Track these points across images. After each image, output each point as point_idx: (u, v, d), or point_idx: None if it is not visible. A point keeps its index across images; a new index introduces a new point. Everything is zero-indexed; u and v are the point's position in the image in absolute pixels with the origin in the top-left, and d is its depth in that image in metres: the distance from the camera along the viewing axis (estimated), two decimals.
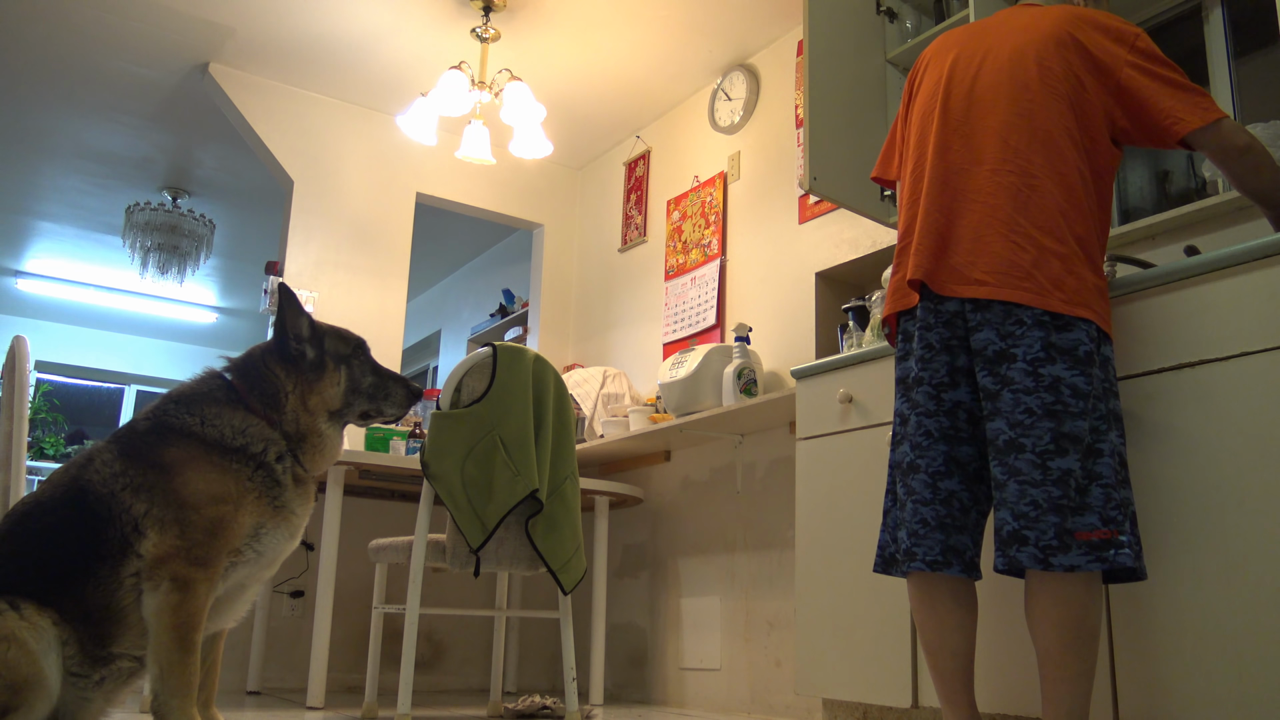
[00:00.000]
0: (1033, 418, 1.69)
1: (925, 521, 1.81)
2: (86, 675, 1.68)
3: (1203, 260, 1.83)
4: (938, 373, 1.84)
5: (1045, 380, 1.70)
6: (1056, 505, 1.66)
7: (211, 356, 2.04)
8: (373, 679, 3.04)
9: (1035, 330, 1.72)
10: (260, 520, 1.80)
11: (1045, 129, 1.83)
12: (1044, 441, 1.68)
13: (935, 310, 1.84)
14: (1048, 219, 1.77)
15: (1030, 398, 1.70)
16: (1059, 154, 1.82)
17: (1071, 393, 1.69)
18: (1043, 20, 1.94)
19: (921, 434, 1.84)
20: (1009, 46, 1.93)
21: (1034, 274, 1.74)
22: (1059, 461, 1.67)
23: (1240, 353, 1.75)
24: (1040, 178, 1.80)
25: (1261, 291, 1.73)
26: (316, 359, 1.94)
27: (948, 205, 1.87)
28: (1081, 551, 1.64)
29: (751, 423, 3.52)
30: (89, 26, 4.02)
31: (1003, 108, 1.87)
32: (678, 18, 3.88)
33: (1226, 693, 1.68)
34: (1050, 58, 1.87)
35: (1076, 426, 1.68)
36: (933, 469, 1.82)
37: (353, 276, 4.48)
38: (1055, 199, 1.79)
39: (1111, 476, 1.68)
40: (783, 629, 3.38)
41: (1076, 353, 1.71)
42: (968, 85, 1.94)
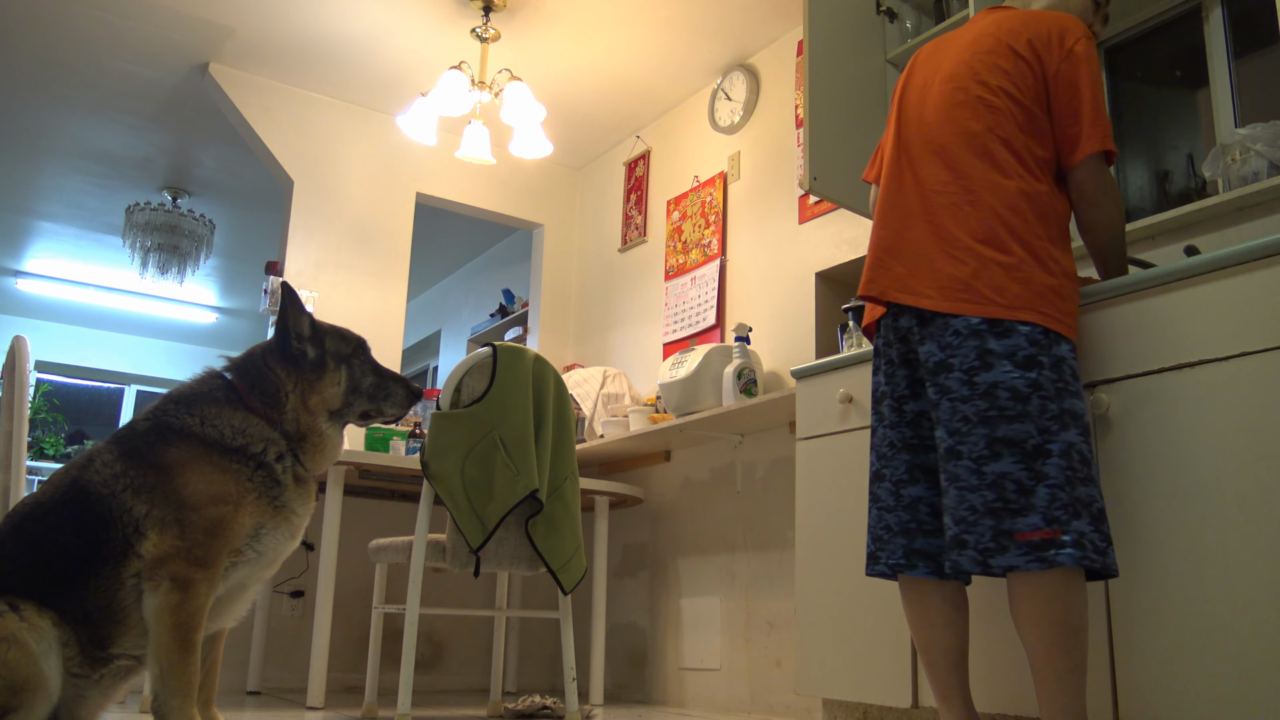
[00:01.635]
0: (969, 425, 1.75)
1: (889, 527, 1.91)
2: (86, 675, 1.68)
3: (1203, 260, 1.83)
4: (899, 386, 1.93)
5: (980, 388, 1.75)
6: (991, 509, 1.71)
7: (211, 356, 2.04)
8: (373, 679, 3.04)
9: (971, 340, 1.78)
10: (260, 520, 1.80)
11: (982, 143, 1.88)
12: (979, 448, 1.74)
13: (893, 327, 1.94)
14: (987, 230, 1.82)
15: (966, 406, 1.76)
16: (998, 166, 1.86)
17: (1009, 396, 1.73)
18: (987, 30, 1.99)
19: (886, 445, 1.94)
20: (952, 63, 1.99)
21: (973, 284, 1.80)
22: (993, 466, 1.72)
23: (1240, 353, 1.75)
24: (979, 191, 1.85)
25: (1261, 291, 1.73)
26: (317, 358, 1.94)
27: (895, 224, 1.95)
28: (1020, 552, 1.67)
29: (751, 423, 3.52)
30: (89, 26, 4.02)
31: (943, 125, 1.94)
32: (678, 18, 3.88)
33: (1226, 693, 1.68)
34: (986, 71, 1.93)
35: (1014, 430, 1.72)
36: (896, 477, 1.92)
37: (353, 276, 4.48)
38: (995, 210, 1.83)
39: (1060, 476, 1.69)
40: (783, 629, 3.38)
41: (1015, 356, 1.75)
42: (918, 104, 2.02)
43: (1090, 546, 1.67)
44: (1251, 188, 2.28)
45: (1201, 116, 2.71)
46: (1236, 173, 2.34)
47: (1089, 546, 1.67)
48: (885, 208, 1.99)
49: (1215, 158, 2.40)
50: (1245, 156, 2.33)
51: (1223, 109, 2.60)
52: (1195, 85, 2.74)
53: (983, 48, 1.95)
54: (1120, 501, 1.86)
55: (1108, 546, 1.71)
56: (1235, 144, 2.36)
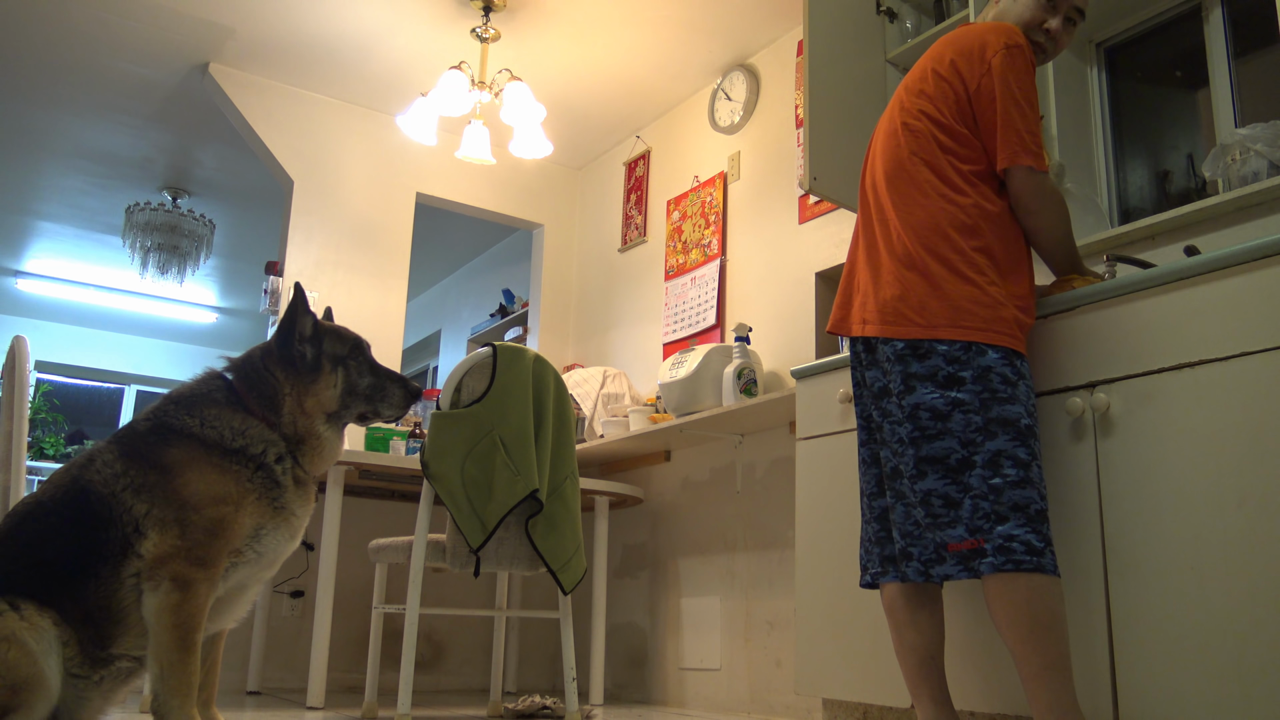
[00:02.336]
0: (902, 445, 1.86)
1: (869, 538, 2.02)
2: (86, 676, 1.68)
3: (1203, 260, 1.83)
4: (866, 405, 2.03)
5: (906, 410, 1.85)
6: (926, 524, 1.82)
7: (211, 356, 2.04)
8: (373, 679, 3.04)
9: (897, 365, 1.87)
10: (260, 521, 1.80)
11: (905, 168, 1.96)
12: (909, 467, 1.84)
13: (855, 352, 2.04)
14: (907, 253, 1.90)
15: (900, 428, 1.86)
16: (918, 187, 1.93)
17: (930, 416, 1.81)
18: (922, 60, 2.08)
19: (859, 460, 2.05)
20: (896, 94, 2.08)
21: (899, 308, 1.88)
22: (921, 484, 1.82)
23: (1240, 353, 1.75)
24: (898, 218, 1.94)
25: (1261, 291, 1.73)
26: (314, 360, 1.93)
27: (850, 258, 2.11)
28: (954, 562, 1.78)
29: (751, 423, 3.52)
30: (89, 26, 4.02)
31: (882, 158, 2.03)
32: (678, 18, 3.88)
33: (1227, 693, 1.68)
34: (910, 99, 2.02)
35: (934, 449, 1.80)
36: (868, 490, 2.02)
37: (353, 276, 4.48)
38: (916, 230, 1.90)
39: (981, 486, 1.75)
40: (783, 629, 3.38)
41: (936, 377, 1.82)
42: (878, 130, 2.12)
43: (1020, 549, 1.72)
44: (1251, 188, 2.28)
45: (1201, 116, 2.71)
46: (1236, 173, 2.34)
47: (1017, 550, 1.72)
48: (853, 241, 2.13)
49: (1215, 158, 2.40)
50: (1245, 156, 2.32)
51: (1223, 109, 2.60)
52: (1195, 85, 2.74)
53: (913, 78, 2.05)
54: (1120, 501, 1.86)
55: (1045, 547, 1.74)
56: (1235, 144, 2.36)
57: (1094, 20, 2.82)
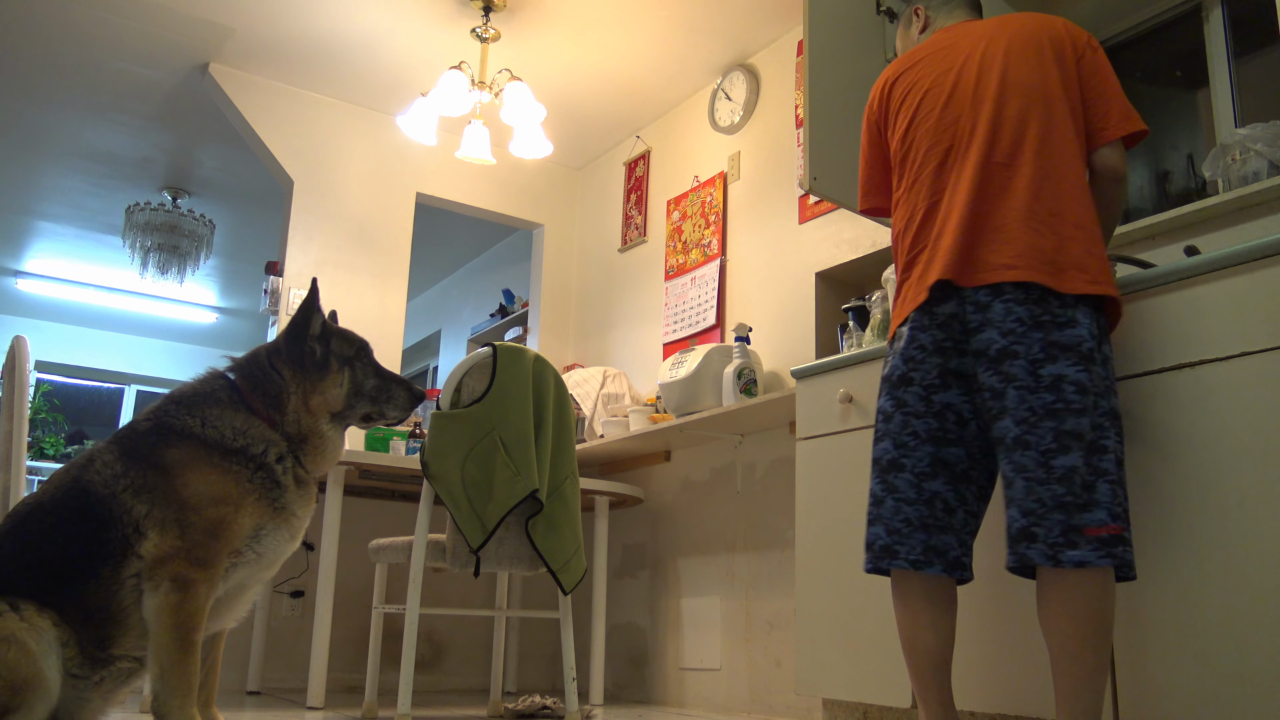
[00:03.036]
0: (1035, 416, 1.72)
1: (908, 520, 1.85)
2: (86, 676, 1.68)
3: (1203, 260, 1.83)
4: (928, 374, 1.86)
5: (1045, 381, 1.72)
6: (1061, 503, 1.68)
7: (211, 356, 2.04)
8: (373, 679, 3.04)
9: (1035, 331, 1.75)
10: (261, 522, 1.80)
11: (1053, 123, 1.88)
12: (1047, 440, 1.70)
13: (930, 312, 1.87)
14: (1065, 205, 1.82)
15: (1033, 397, 1.73)
16: (1066, 146, 1.87)
17: (1074, 389, 1.71)
18: (1014, 25, 2.01)
19: (908, 433, 1.87)
20: (996, 49, 1.98)
21: (1057, 259, 1.77)
22: (1062, 460, 1.69)
23: (1240, 353, 1.75)
24: (1056, 167, 1.85)
25: (1261, 291, 1.74)
26: (322, 358, 1.95)
27: (970, 203, 1.87)
28: (1092, 547, 1.66)
29: (751, 423, 3.52)
30: (89, 26, 4.02)
31: (1011, 104, 1.91)
32: (678, 18, 3.88)
33: (1227, 693, 1.68)
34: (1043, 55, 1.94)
35: (1079, 424, 1.70)
36: (919, 469, 1.86)
37: (353, 276, 4.48)
38: (1070, 186, 1.83)
39: (1116, 473, 1.71)
40: (783, 629, 3.38)
41: (1080, 349, 1.73)
42: (962, 90, 1.98)
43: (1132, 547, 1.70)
44: (1251, 188, 2.28)
45: (1201, 116, 2.71)
46: (1236, 173, 2.34)
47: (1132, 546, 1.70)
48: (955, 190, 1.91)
49: (1215, 158, 2.40)
50: (1245, 156, 2.33)
51: (1223, 109, 2.60)
52: (1195, 85, 2.74)
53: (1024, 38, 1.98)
54: None
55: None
56: (1235, 144, 2.36)
57: (1094, 20, 2.82)
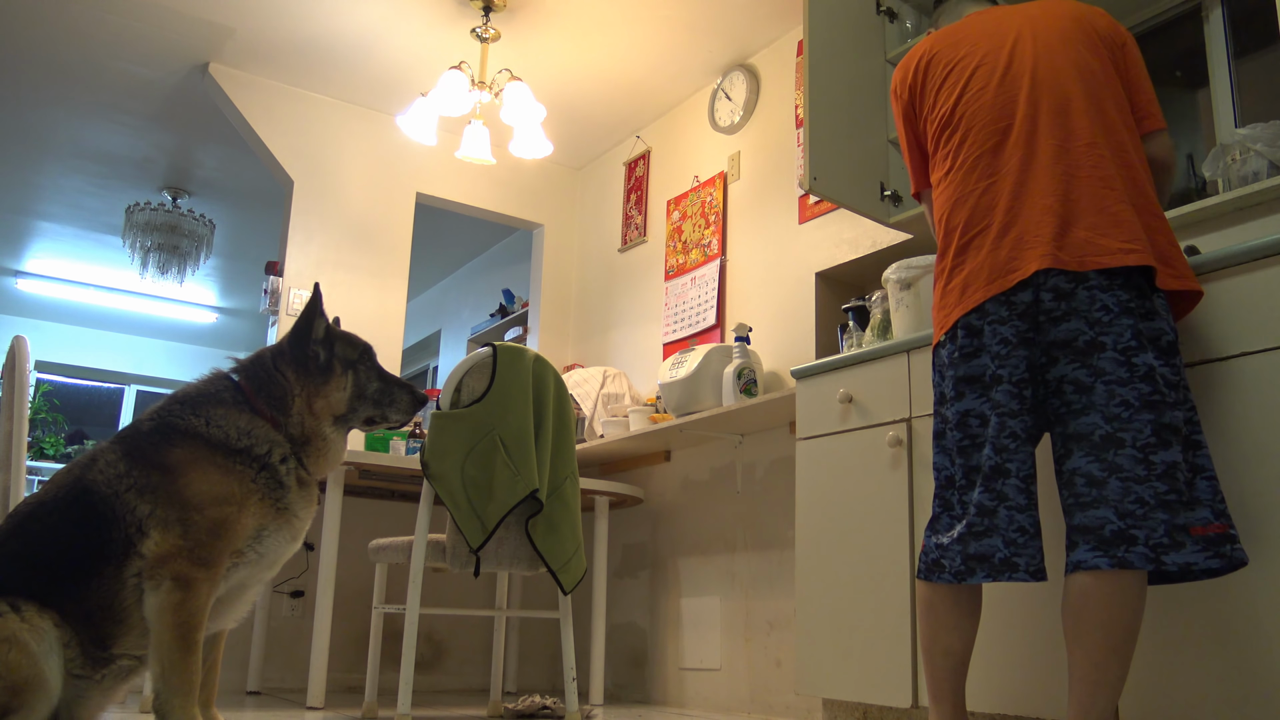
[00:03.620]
0: (1130, 410, 1.62)
1: (1024, 529, 1.72)
2: (87, 676, 1.68)
3: (1203, 260, 1.83)
4: (1017, 369, 1.73)
5: (1140, 370, 1.63)
6: (1164, 501, 1.59)
7: (211, 356, 2.04)
8: (373, 679, 3.04)
9: (1124, 318, 1.65)
10: (263, 522, 1.81)
11: (1115, 110, 1.84)
12: (1145, 435, 1.61)
13: (1007, 302, 1.74)
14: (1148, 195, 1.77)
15: (1125, 389, 1.63)
16: (1131, 133, 1.84)
17: (1165, 381, 1.64)
18: (1060, 9, 1.96)
19: (1007, 435, 1.73)
20: (1047, 31, 1.91)
21: (1155, 249, 1.71)
22: (1163, 455, 1.60)
23: (1240, 353, 1.75)
24: (1129, 155, 1.80)
25: (1262, 291, 1.74)
26: (325, 362, 1.95)
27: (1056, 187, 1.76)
28: (1199, 548, 1.58)
29: (751, 423, 3.52)
30: (89, 26, 4.02)
31: (1074, 88, 1.83)
32: (678, 18, 3.88)
33: (1227, 693, 1.68)
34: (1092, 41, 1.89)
35: (1174, 417, 1.62)
36: (1024, 473, 1.73)
37: (353, 276, 4.48)
38: (1144, 174, 1.80)
39: (1212, 469, 1.64)
40: (783, 629, 3.38)
41: (1160, 342, 1.67)
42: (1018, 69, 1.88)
43: None
44: (1251, 188, 2.28)
45: (1201, 116, 2.71)
46: (1236, 173, 2.34)
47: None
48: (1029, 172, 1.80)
49: (1215, 158, 2.40)
50: (1245, 156, 2.33)
51: (1223, 109, 2.60)
52: (1195, 85, 2.74)
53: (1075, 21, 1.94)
54: None
55: None
56: (1235, 144, 2.36)
57: None
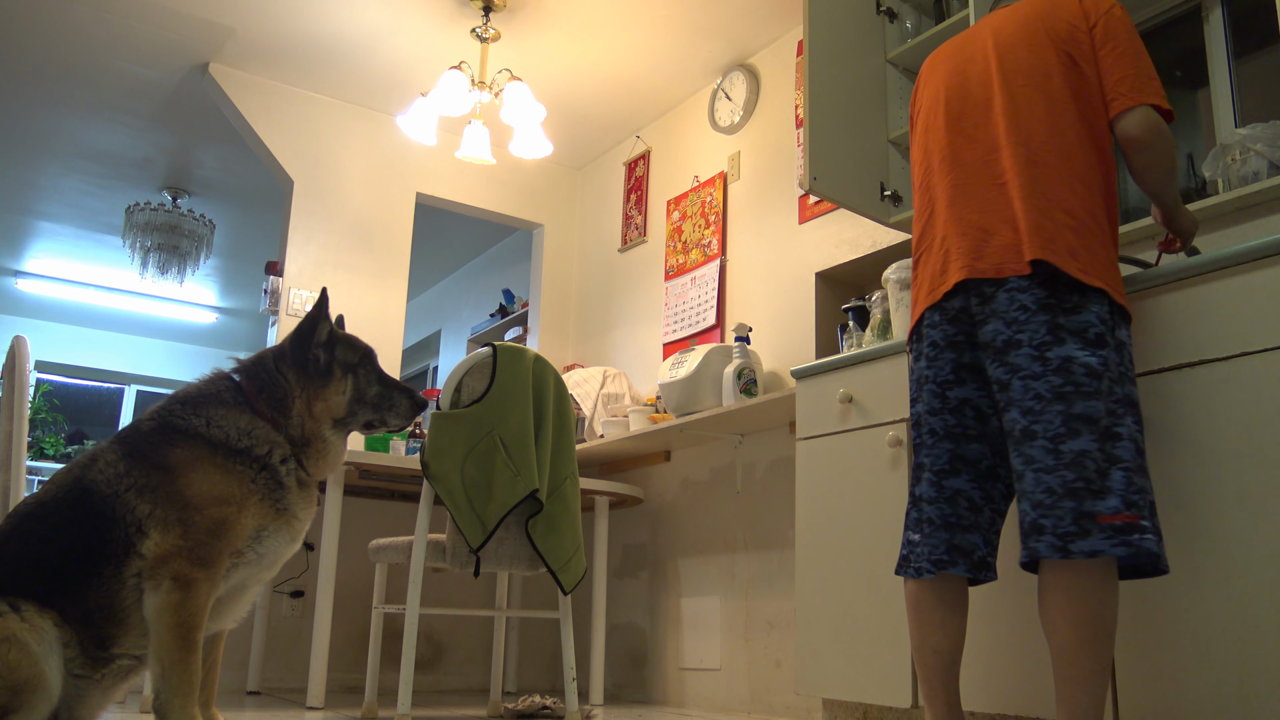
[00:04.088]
0: (1042, 403, 1.68)
1: (931, 520, 1.83)
2: (87, 675, 1.68)
3: (1203, 260, 1.83)
4: (943, 370, 1.85)
5: (1053, 363, 1.68)
6: (1071, 489, 1.63)
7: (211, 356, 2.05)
8: (373, 679, 3.04)
9: (1041, 314, 1.71)
10: (263, 522, 1.81)
11: (1044, 106, 1.86)
12: (1055, 425, 1.66)
13: (940, 308, 1.85)
14: (1058, 191, 1.79)
15: (1038, 383, 1.69)
16: (1061, 130, 1.84)
17: (1085, 371, 1.67)
18: (1021, 11, 1.99)
19: (928, 432, 1.86)
20: (997, 41, 1.97)
21: (1053, 244, 1.74)
22: (1072, 444, 1.64)
23: (1240, 353, 1.75)
24: (1044, 151, 1.82)
25: (1261, 291, 1.74)
26: (326, 365, 1.95)
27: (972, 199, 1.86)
28: (1104, 535, 1.60)
29: (751, 423, 3.52)
30: (89, 26, 4.02)
31: (1000, 94, 1.90)
32: (678, 18, 3.88)
33: (1227, 693, 1.68)
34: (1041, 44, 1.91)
35: (1089, 407, 1.65)
36: (938, 467, 1.83)
37: (353, 276, 4.48)
38: (1063, 173, 1.80)
39: (1132, 460, 1.65)
40: (783, 629, 3.38)
41: (1086, 334, 1.70)
42: (960, 85, 1.99)
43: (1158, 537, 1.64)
44: (1251, 188, 2.28)
45: (1201, 116, 2.71)
46: (1236, 173, 2.34)
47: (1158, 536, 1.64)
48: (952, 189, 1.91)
49: (1215, 158, 2.40)
50: (1245, 156, 2.33)
51: (1223, 109, 2.60)
52: (1195, 85, 2.74)
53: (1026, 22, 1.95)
54: None
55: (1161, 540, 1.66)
56: (1235, 144, 2.36)
57: None
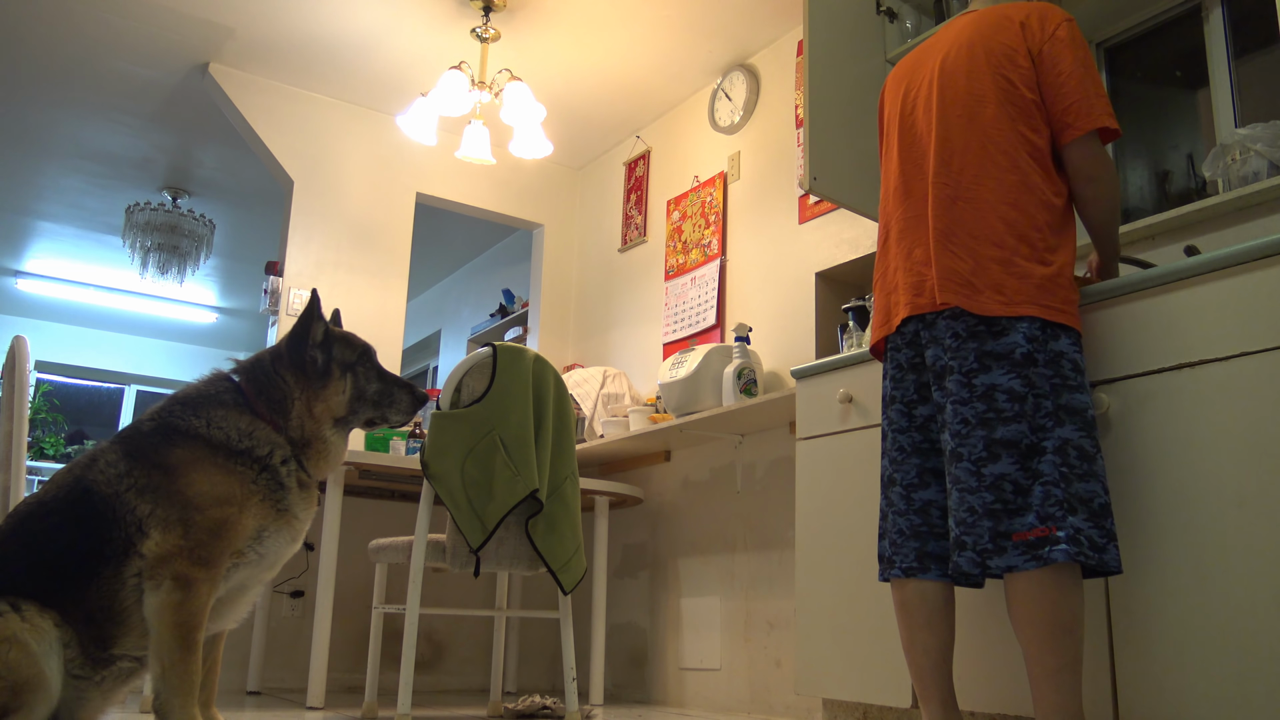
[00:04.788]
0: (968, 427, 1.77)
1: (902, 531, 1.92)
2: (88, 676, 1.69)
3: (1203, 260, 1.83)
4: (908, 390, 1.96)
5: (979, 390, 1.77)
6: (990, 510, 1.73)
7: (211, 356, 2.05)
8: (373, 679, 3.04)
9: (970, 342, 1.80)
10: (263, 523, 1.81)
11: (977, 136, 1.90)
12: (978, 450, 1.76)
13: (900, 331, 1.96)
14: (982, 225, 1.84)
15: (966, 408, 1.78)
16: (993, 158, 1.87)
17: (1007, 397, 1.75)
18: (971, 27, 2.00)
19: (896, 449, 1.96)
20: (939, 64, 2.01)
21: (972, 281, 1.81)
22: (992, 468, 1.74)
23: (1240, 353, 1.75)
24: (972, 186, 1.87)
25: (1261, 291, 1.74)
26: (324, 365, 1.95)
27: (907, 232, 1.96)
28: (1018, 552, 1.69)
29: (751, 423, 3.52)
30: (89, 26, 4.02)
31: (936, 126, 1.96)
32: (678, 18, 3.88)
33: (1226, 693, 1.68)
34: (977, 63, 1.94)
35: (1010, 431, 1.74)
36: (907, 481, 1.93)
37: (353, 276, 4.48)
38: (990, 204, 1.85)
39: (1054, 473, 1.71)
40: (783, 629, 3.38)
41: (1013, 356, 1.77)
42: (911, 112, 2.05)
43: (1086, 543, 1.69)
44: (1251, 188, 2.28)
45: (1201, 116, 2.71)
46: (1236, 173, 2.34)
47: (1084, 543, 1.69)
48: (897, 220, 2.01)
49: (1215, 158, 2.40)
50: (1245, 156, 2.33)
51: (1223, 109, 2.60)
52: (1195, 85, 2.74)
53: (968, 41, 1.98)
54: (1120, 501, 1.86)
55: (1107, 543, 1.71)
56: (1235, 144, 2.36)
57: (1094, 20, 2.82)
